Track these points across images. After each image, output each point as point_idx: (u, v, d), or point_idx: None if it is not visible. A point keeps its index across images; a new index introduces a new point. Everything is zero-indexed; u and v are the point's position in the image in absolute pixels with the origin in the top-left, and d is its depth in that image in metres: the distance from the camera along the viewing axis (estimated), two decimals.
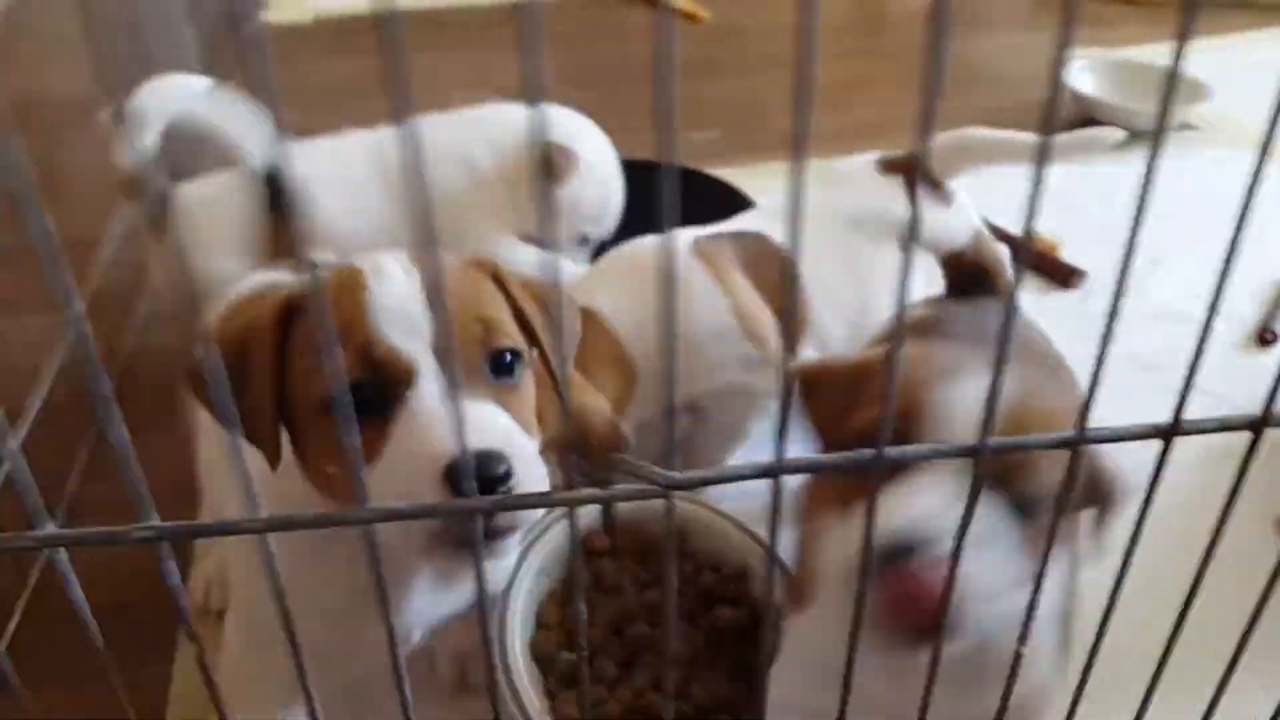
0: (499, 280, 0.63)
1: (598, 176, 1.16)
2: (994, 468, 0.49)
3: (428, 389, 0.55)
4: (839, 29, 2.04)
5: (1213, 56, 1.89)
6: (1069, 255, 1.38)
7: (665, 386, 0.39)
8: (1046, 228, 1.40)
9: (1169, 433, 0.41)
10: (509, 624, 0.81)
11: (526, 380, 0.62)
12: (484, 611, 0.42)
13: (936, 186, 1.01)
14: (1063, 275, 1.33)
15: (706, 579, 0.88)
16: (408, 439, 0.55)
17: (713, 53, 2.07)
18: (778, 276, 0.96)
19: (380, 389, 0.56)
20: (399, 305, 0.57)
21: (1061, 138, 0.95)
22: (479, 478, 0.52)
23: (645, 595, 0.86)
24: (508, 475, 0.53)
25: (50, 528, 0.37)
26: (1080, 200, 1.46)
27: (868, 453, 0.39)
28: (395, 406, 0.56)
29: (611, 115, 1.22)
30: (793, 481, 0.42)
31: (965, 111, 1.12)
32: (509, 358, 0.59)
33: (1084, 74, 1.85)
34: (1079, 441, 0.41)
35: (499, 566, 0.79)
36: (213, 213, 0.95)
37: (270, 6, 2.40)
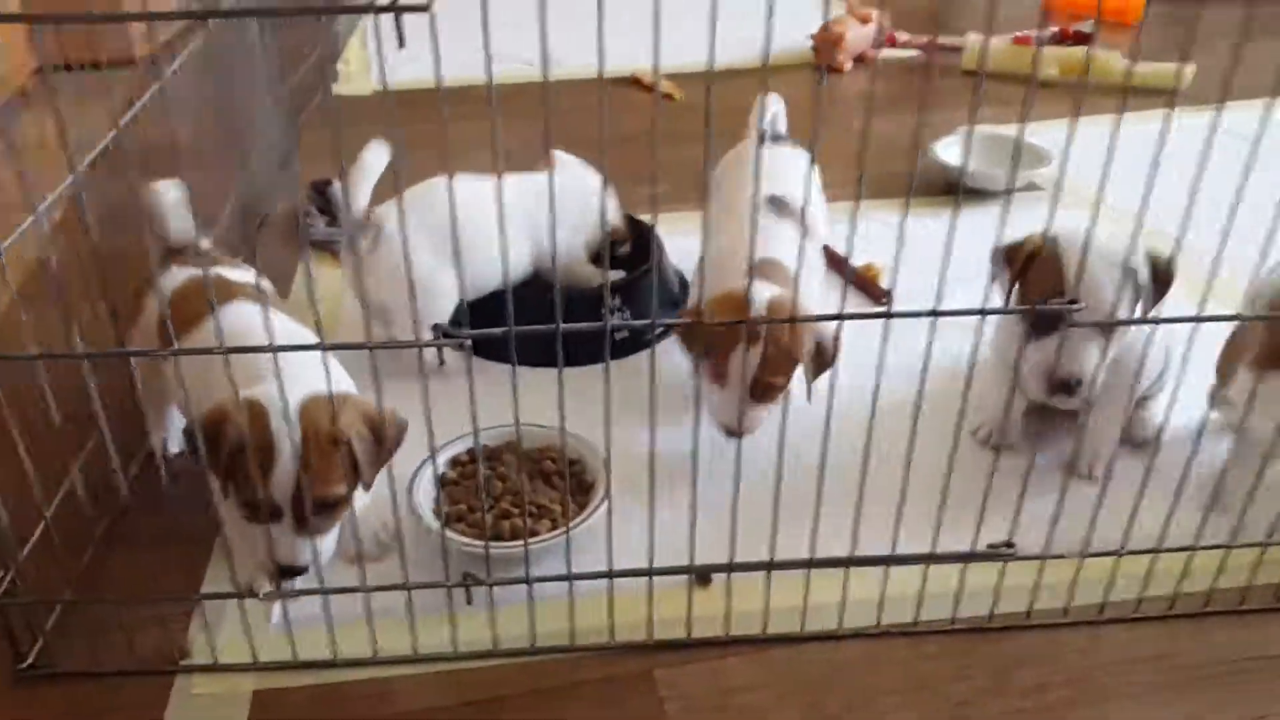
0: (344, 441, 1.06)
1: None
2: None
3: (284, 520, 1.07)
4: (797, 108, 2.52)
5: (1057, 132, 2.34)
6: (886, 280, 1.87)
7: None
8: (877, 258, 1.89)
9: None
10: (416, 488, 1.32)
11: (340, 506, 1.10)
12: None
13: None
14: (875, 293, 1.85)
15: (546, 465, 1.39)
16: (269, 545, 1.08)
17: (679, 125, 2.58)
18: None
19: (265, 511, 1.06)
20: (280, 471, 1.04)
21: None
22: (291, 571, 1.09)
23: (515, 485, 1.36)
24: (305, 570, 1.09)
25: None
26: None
27: None
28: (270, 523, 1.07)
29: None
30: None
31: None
32: (330, 502, 1.08)
33: (950, 148, 2.31)
34: None
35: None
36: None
37: (340, 81, 3.02)
